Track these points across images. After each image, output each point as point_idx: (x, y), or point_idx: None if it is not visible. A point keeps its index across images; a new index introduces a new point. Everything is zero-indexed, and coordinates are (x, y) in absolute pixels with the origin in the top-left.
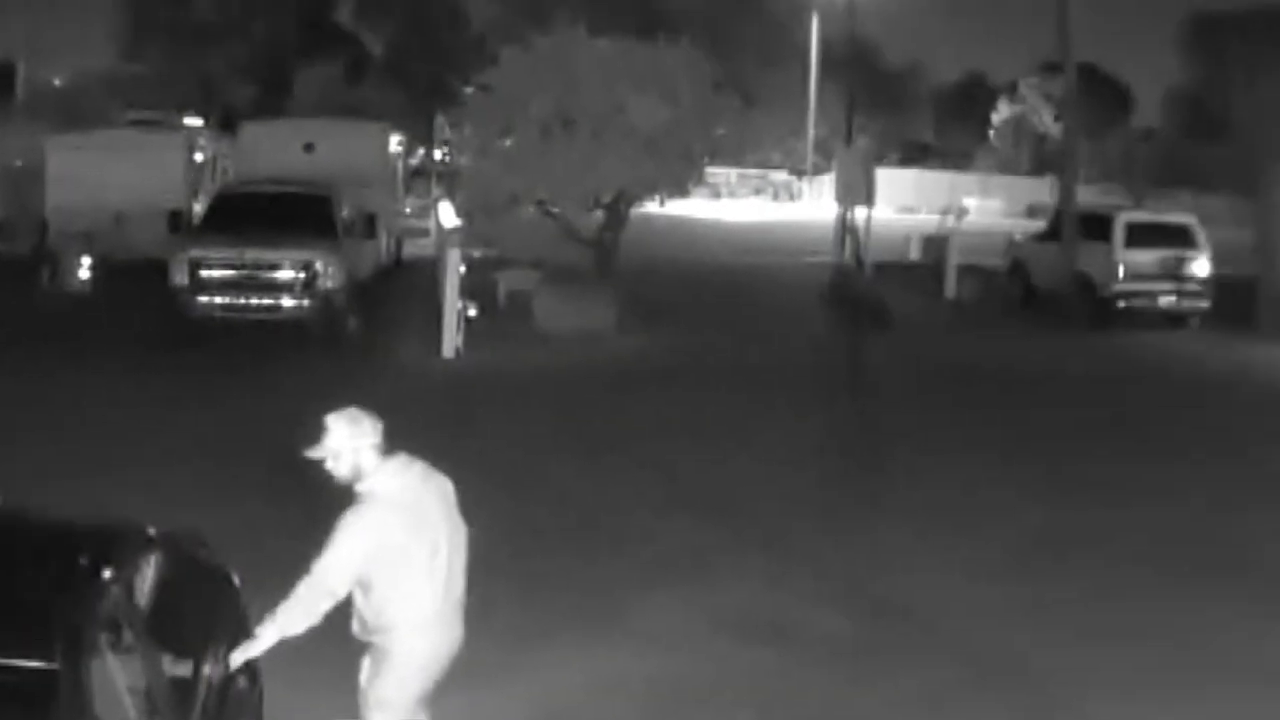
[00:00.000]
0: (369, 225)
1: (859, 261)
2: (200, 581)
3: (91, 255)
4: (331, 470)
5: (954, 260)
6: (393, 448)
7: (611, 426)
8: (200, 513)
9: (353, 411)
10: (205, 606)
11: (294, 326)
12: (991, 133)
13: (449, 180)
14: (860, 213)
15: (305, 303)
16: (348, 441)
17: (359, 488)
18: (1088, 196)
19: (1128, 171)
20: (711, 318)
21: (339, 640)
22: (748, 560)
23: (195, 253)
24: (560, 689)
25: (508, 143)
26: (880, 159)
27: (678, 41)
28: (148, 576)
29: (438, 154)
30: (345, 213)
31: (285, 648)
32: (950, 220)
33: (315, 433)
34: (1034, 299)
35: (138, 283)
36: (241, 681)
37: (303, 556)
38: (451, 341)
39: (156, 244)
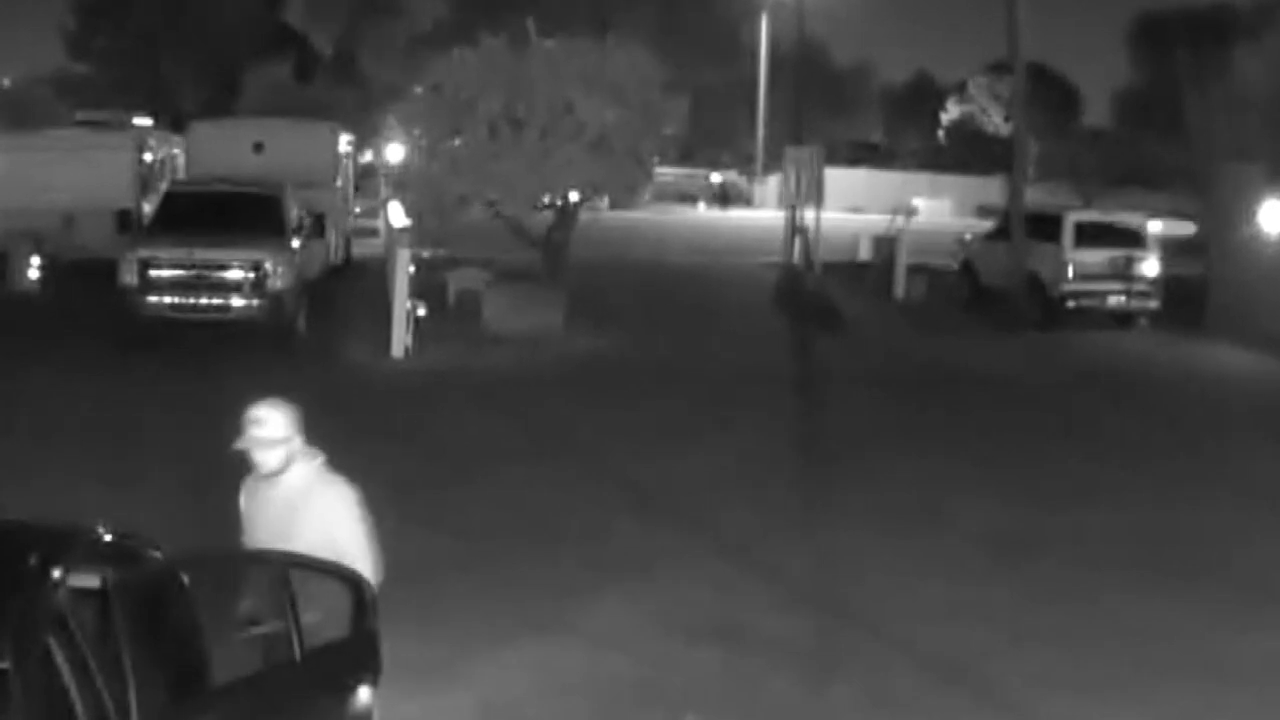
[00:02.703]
0: (318, 225)
1: (808, 262)
2: (157, 583)
3: (41, 255)
4: (260, 460)
5: (903, 260)
6: (342, 444)
7: (560, 428)
8: (152, 514)
9: (282, 402)
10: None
11: (243, 326)
12: (940, 132)
13: (398, 180)
14: (809, 213)
15: (254, 303)
16: (285, 430)
17: (294, 473)
18: (1037, 196)
19: (1076, 171)
20: (660, 319)
21: None
22: (697, 562)
23: (144, 253)
24: (508, 690)
25: (456, 143)
26: (828, 159)
27: (626, 42)
28: (98, 578)
29: (388, 155)
30: (294, 213)
31: None
32: (899, 220)
33: (238, 426)
34: (983, 299)
35: (87, 283)
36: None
37: None
38: (400, 341)
39: (106, 244)
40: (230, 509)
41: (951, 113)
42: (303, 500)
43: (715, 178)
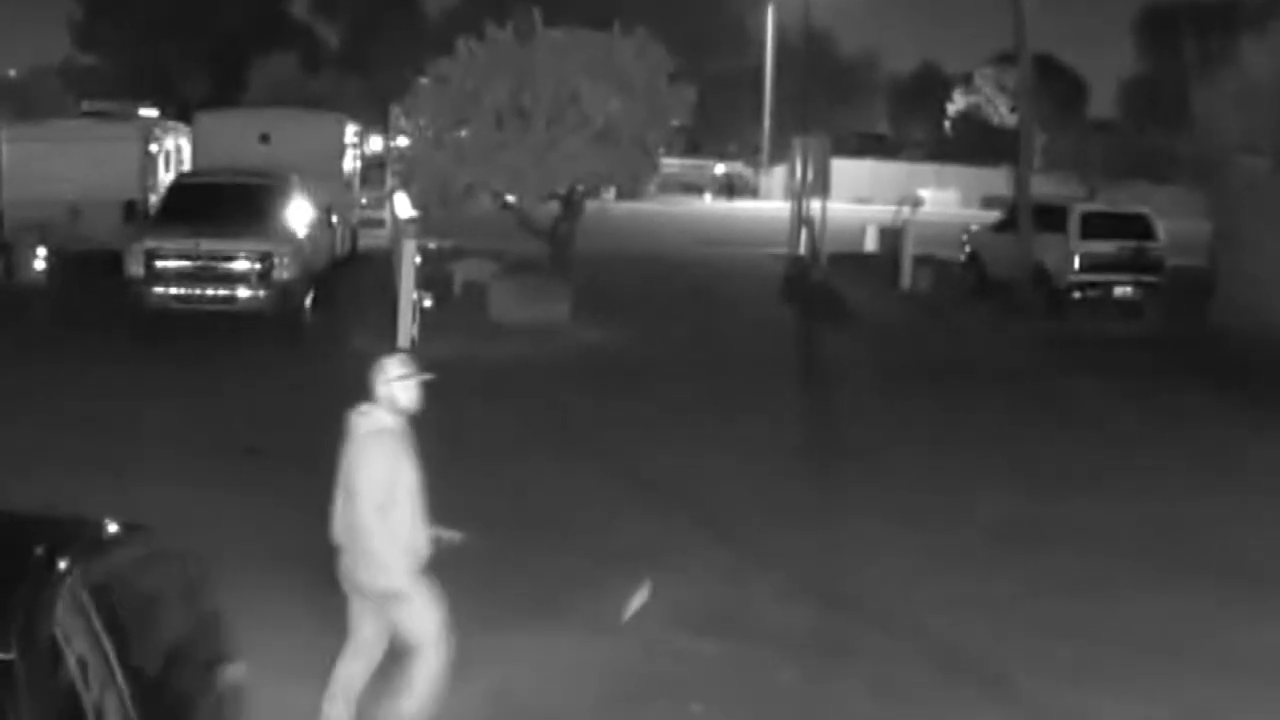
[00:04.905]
0: (324, 216)
1: (814, 253)
2: (156, 574)
3: (46, 246)
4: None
5: (909, 251)
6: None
7: (566, 419)
8: (161, 502)
9: None
10: (163, 598)
11: (250, 317)
12: (946, 123)
13: (405, 171)
14: (815, 204)
15: (261, 293)
16: None
17: None
18: (1043, 187)
19: (1083, 162)
20: (666, 310)
21: (293, 628)
22: (703, 553)
23: (150, 244)
24: (515, 680)
25: (462, 133)
26: (834, 150)
27: (632, 32)
28: (104, 569)
29: (393, 145)
30: (301, 203)
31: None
32: (905, 211)
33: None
34: (989, 290)
35: (93, 274)
36: (227, 670)
37: (260, 543)
38: (407, 332)
39: (112, 235)
40: (231, 500)
41: (958, 103)
42: None
43: (719, 169)
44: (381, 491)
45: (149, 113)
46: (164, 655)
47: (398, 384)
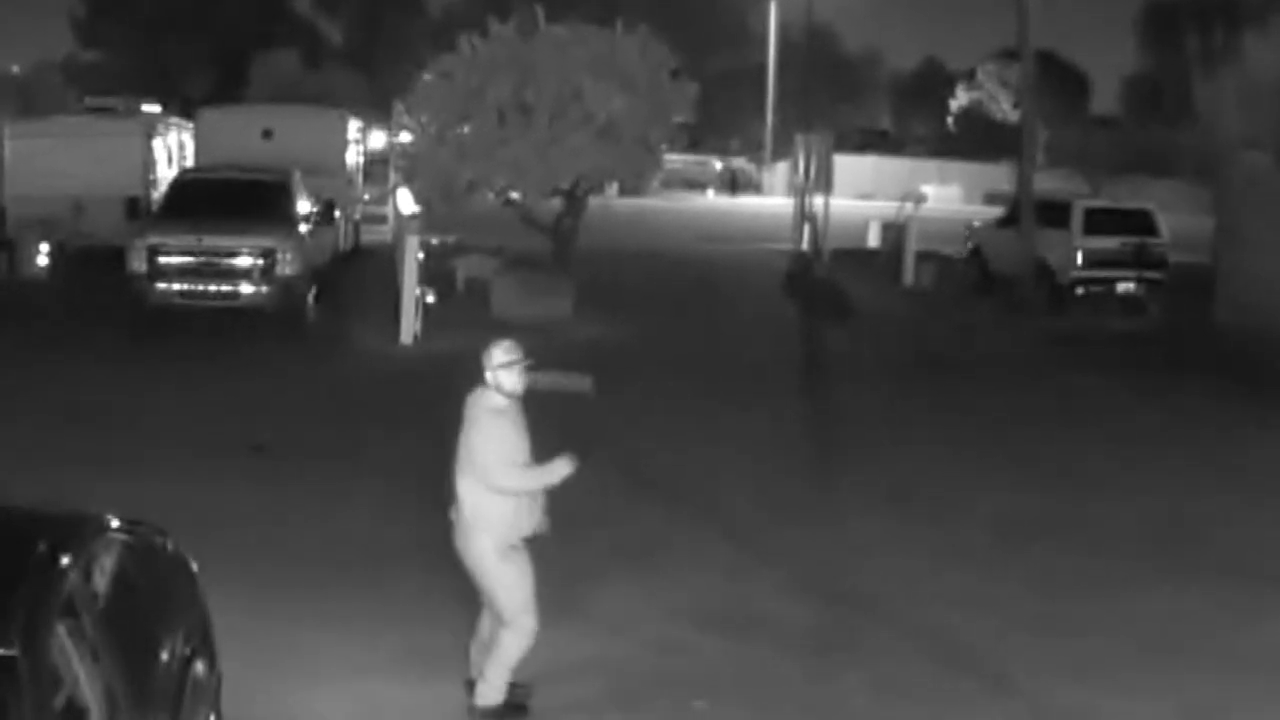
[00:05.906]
0: (327, 212)
1: (817, 249)
2: (158, 570)
3: (49, 242)
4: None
5: (912, 247)
6: (352, 430)
7: (566, 415)
8: (165, 499)
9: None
10: (163, 595)
11: (252, 313)
12: (949, 119)
13: (407, 167)
14: (818, 200)
15: (264, 289)
16: None
17: None
18: (1046, 183)
19: (1085, 158)
20: (669, 306)
21: (295, 625)
22: (707, 549)
23: (153, 239)
24: (518, 676)
25: (465, 129)
26: (837, 146)
27: (635, 28)
28: (106, 565)
29: (396, 140)
30: (303, 199)
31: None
32: (908, 207)
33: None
34: (992, 286)
35: (96, 270)
36: (199, 667)
37: (263, 541)
38: (409, 328)
39: (115, 231)
40: (236, 498)
41: (960, 99)
42: None
43: (718, 165)
44: (508, 454)
45: (151, 109)
46: (162, 649)
47: (501, 371)
